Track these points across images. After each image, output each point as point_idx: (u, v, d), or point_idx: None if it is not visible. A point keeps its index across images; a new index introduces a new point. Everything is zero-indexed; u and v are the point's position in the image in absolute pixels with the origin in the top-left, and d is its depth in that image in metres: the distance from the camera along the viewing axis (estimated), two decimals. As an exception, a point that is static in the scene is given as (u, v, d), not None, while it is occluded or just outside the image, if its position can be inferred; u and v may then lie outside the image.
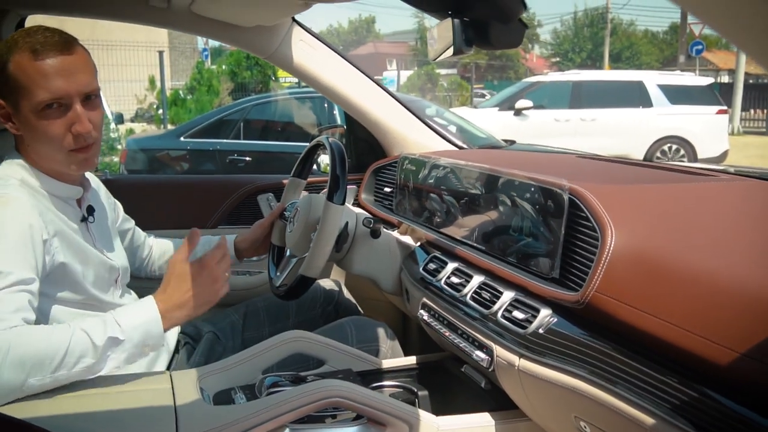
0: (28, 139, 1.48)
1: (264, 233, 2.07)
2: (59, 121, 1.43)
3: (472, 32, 1.44)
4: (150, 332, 1.35)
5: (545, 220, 1.46)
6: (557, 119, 11.48)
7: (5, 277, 1.29)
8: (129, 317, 1.35)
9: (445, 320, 1.69)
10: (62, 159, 1.48)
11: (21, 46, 1.41)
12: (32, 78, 1.40)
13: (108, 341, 1.29)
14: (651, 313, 1.13)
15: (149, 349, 1.36)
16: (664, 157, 11.45)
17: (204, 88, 11.55)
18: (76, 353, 1.25)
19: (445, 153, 2.22)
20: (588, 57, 38.29)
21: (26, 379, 1.22)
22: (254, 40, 2.18)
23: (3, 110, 1.46)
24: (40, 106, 1.40)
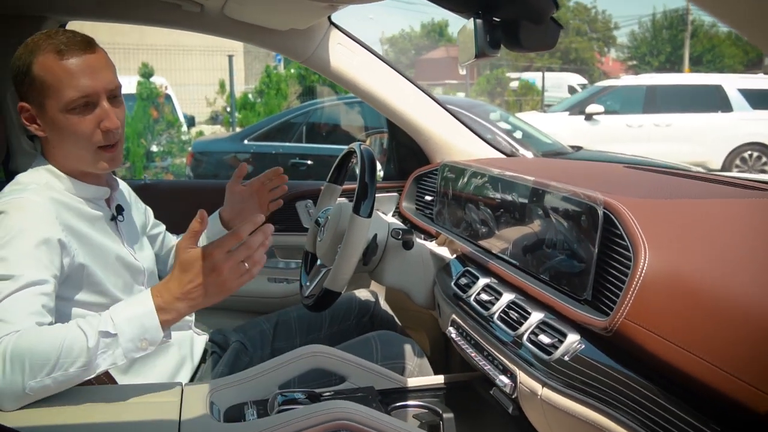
0: (54, 140, 1.47)
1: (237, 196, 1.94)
2: (88, 118, 1.44)
3: (501, 33, 1.34)
4: (145, 326, 1.27)
5: (579, 236, 1.35)
6: (629, 124, 11.12)
7: (16, 280, 1.27)
8: (123, 310, 1.29)
9: (472, 339, 1.59)
10: (90, 157, 1.48)
11: (44, 47, 1.42)
12: (59, 77, 1.41)
13: (99, 335, 1.23)
14: (686, 348, 1.01)
15: (147, 344, 1.27)
16: (744, 164, 10.95)
17: (272, 92, 11.63)
18: (71, 352, 1.21)
19: (487, 161, 2.12)
20: (666, 60, 37.14)
21: (26, 382, 1.19)
22: (290, 43, 2.13)
23: (27, 113, 1.47)
24: (69, 105, 1.41)
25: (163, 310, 1.29)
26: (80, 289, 1.47)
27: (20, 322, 1.23)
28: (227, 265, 1.27)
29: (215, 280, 1.28)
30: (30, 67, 1.42)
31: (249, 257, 1.29)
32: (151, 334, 1.28)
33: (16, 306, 1.25)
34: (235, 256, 1.27)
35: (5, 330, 1.21)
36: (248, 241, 1.28)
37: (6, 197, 1.41)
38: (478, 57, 1.29)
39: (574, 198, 1.37)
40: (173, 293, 1.30)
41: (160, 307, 1.29)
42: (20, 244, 1.33)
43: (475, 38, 1.28)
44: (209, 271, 1.27)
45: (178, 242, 1.33)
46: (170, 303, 1.30)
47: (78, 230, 1.48)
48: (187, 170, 7.55)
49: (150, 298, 1.30)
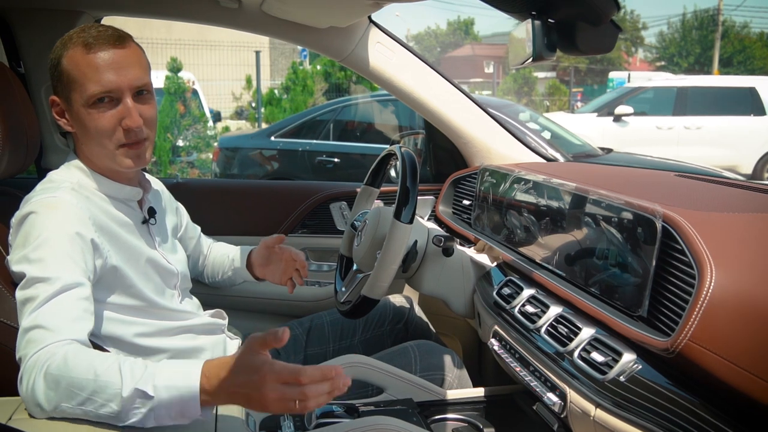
0: (80, 135, 1.45)
1: (267, 253, 1.87)
2: (109, 114, 1.40)
3: (557, 36, 1.28)
4: (183, 400, 1.17)
5: (634, 249, 1.29)
6: (659, 126, 10.94)
7: (53, 282, 1.24)
8: (167, 375, 1.18)
9: (516, 353, 1.53)
10: (112, 154, 1.44)
11: (75, 41, 1.40)
12: (83, 71, 1.38)
13: (134, 393, 1.15)
14: (753, 372, 0.96)
15: (181, 417, 1.17)
16: (776, 170, 10.75)
17: (299, 88, 11.60)
18: (104, 394, 1.15)
19: (528, 165, 2.06)
20: (696, 61, 36.69)
21: (59, 403, 1.15)
22: (328, 41, 2.08)
23: (57, 107, 1.44)
24: (91, 99, 1.38)
25: (206, 393, 1.18)
26: (112, 292, 1.44)
27: (65, 330, 1.20)
28: (273, 396, 1.14)
29: (259, 399, 1.15)
30: (60, 61, 1.40)
31: (302, 400, 1.15)
32: (189, 412, 1.18)
33: (57, 311, 1.22)
34: (285, 393, 1.14)
35: (50, 338, 1.18)
36: (306, 389, 1.14)
37: (39, 196, 1.38)
38: (535, 60, 1.23)
39: (630, 209, 1.31)
40: (221, 384, 1.18)
41: (204, 389, 1.17)
42: (55, 244, 1.29)
43: (532, 40, 1.22)
44: (255, 388, 1.14)
45: (251, 336, 1.18)
46: (215, 390, 1.18)
47: (110, 231, 1.44)
48: (213, 166, 7.54)
49: (197, 376, 1.18)
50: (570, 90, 19.18)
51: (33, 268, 1.26)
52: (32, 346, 1.18)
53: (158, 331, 1.52)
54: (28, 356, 1.17)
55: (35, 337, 1.19)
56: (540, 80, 22.80)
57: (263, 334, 1.16)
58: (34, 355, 1.17)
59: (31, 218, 1.33)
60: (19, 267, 1.29)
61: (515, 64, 1.50)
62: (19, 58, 2.16)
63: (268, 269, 1.87)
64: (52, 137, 2.21)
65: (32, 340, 1.19)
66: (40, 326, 1.20)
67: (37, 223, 1.32)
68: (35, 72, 2.14)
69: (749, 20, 57.67)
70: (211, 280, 1.97)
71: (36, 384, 1.15)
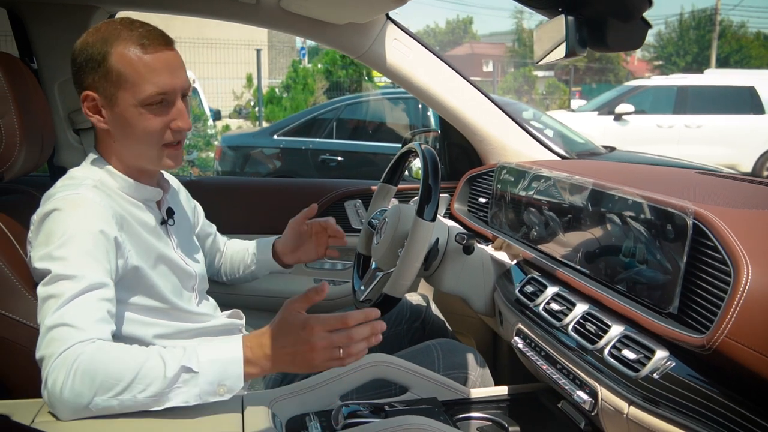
0: (117, 133, 1.42)
1: (297, 233, 1.89)
2: (161, 116, 1.40)
3: (586, 32, 1.27)
4: (227, 372, 1.21)
5: (663, 247, 1.28)
6: (660, 125, 10.95)
7: (78, 281, 1.23)
8: (210, 351, 1.23)
9: (542, 351, 1.53)
10: (155, 154, 1.44)
11: (124, 38, 1.37)
12: (139, 71, 1.36)
13: (180, 370, 1.18)
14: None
15: (225, 390, 1.21)
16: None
17: (299, 87, 11.62)
18: (146, 378, 1.16)
19: (545, 163, 2.05)
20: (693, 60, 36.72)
21: (93, 398, 1.14)
22: (346, 38, 2.07)
23: (92, 102, 1.41)
24: (146, 100, 1.37)
25: (250, 362, 1.23)
26: (133, 292, 1.43)
27: (91, 329, 1.19)
28: (321, 345, 1.20)
29: (306, 354, 1.21)
30: (107, 57, 1.36)
31: (347, 346, 1.22)
32: (232, 382, 1.22)
33: (83, 310, 1.21)
34: (333, 340, 1.21)
35: (76, 337, 1.17)
36: (353, 332, 1.22)
37: (61, 193, 1.36)
38: (568, 56, 1.22)
39: (659, 206, 1.30)
40: (264, 350, 1.23)
41: (248, 359, 1.23)
42: (79, 242, 1.28)
43: (566, 36, 1.21)
44: (303, 342, 1.21)
45: (288, 301, 1.25)
46: (258, 359, 1.23)
47: (132, 230, 1.43)
48: (215, 164, 7.52)
49: (240, 347, 1.23)
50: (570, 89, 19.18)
51: (57, 265, 1.25)
52: (58, 345, 1.17)
53: (177, 333, 1.51)
54: (55, 355, 1.16)
55: (61, 335, 1.18)
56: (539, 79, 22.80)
57: (300, 294, 1.23)
58: (63, 354, 1.15)
59: (54, 215, 1.32)
60: (42, 264, 1.27)
61: (538, 60, 1.49)
62: (32, 53, 2.14)
63: (301, 251, 1.91)
64: (64, 134, 2.19)
65: (58, 338, 1.18)
66: (66, 324, 1.18)
67: (60, 220, 1.31)
68: (48, 67, 2.12)
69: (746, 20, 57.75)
70: (230, 277, 1.96)
71: (66, 382, 1.13)
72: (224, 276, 1.97)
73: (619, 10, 1.23)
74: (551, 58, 1.38)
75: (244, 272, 1.94)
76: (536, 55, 1.46)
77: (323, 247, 1.91)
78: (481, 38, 48.73)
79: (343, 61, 12.75)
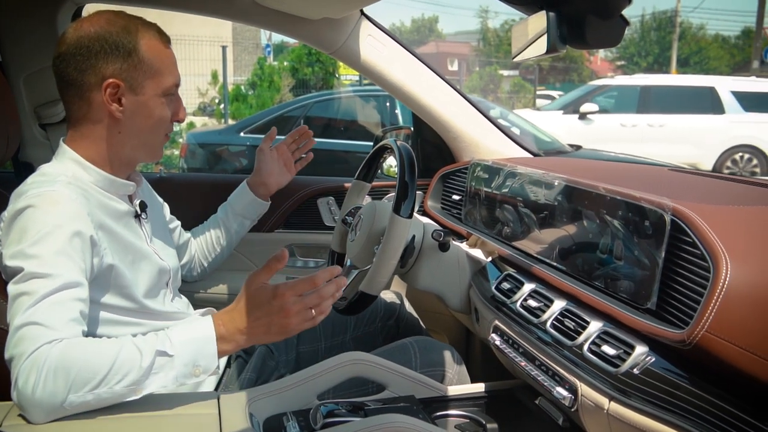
0: (129, 122, 1.43)
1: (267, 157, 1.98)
2: (171, 107, 1.48)
3: (566, 29, 1.27)
4: (201, 351, 1.22)
5: (640, 243, 1.29)
6: (623, 124, 11.11)
7: (52, 279, 1.20)
8: (182, 332, 1.23)
9: (520, 348, 1.53)
10: (158, 143, 1.51)
11: (146, 29, 1.43)
12: (164, 62, 1.44)
13: (156, 355, 1.17)
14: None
15: (200, 371, 1.22)
16: (735, 166, 10.99)
17: (265, 84, 11.54)
18: (122, 368, 1.14)
19: (519, 160, 2.05)
20: (654, 61, 37.35)
21: (67, 395, 1.11)
22: (320, 33, 2.04)
23: (116, 89, 1.40)
24: (168, 90, 1.45)
25: (224, 339, 1.25)
26: (107, 291, 1.40)
27: (62, 329, 1.16)
28: (296, 308, 1.24)
29: (280, 320, 1.24)
30: (137, 47, 1.40)
31: (317, 305, 1.26)
32: (207, 362, 1.23)
33: (55, 310, 1.18)
34: (306, 301, 1.25)
35: (48, 336, 1.13)
36: (322, 290, 1.26)
37: (35, 189, 1.32)
38: (549, 52, 1.22)
39: (637, 203, 1.31)
40: (237, 325, 1.25)
41: (221, 335, 1.24)
42: (54, 240, 1.25)
43: (547, 32, 1.21)
44: (277, 310, 1.24)
45: (251, 274, 1.27)
46: (232, 334, 1.25)
47: (107, 227, 1.40)
48: (180, 162, 7.43)
49: (211, 325, 1.25)
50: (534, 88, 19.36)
51: (30, 263, 1.21)
52: (28, 344, 1.13)
53: (151, 332, 1.48)
54: (26, 354, 1.12)
55: (31, 334, 1.14)
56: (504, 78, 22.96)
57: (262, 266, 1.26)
58: (33, 354, 1.12)
59: (27, 213, 1.28)
60: (14, 262, 1.23)
61: (515, 56, 1.49)
62: None
63: (273, 176, 1.99)
64: (30, 130, 2.13)
65: (28, 337, 1.14)
66: (36, 323, 1.15)
67: (34, 217, 1.27)
68: (14, 60, 2.07)
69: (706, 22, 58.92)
70: (209, 260, 1.95)
71: (37, 382, 1.10)
72: (198, 268, 1.94)
73: (600, 8, 1.23)
74: (529, 54, 1.37)
75: (226, 242, 1.96)
76: (514, 51, 1.45)
77: (292, 164, 2.03)
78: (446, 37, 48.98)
79: (309, 58, 12.70)
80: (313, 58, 12.66)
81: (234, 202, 1.98)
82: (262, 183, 1.97)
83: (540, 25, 1.25)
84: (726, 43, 42.62)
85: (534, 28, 1.30)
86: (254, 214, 2.00)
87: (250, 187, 1.97)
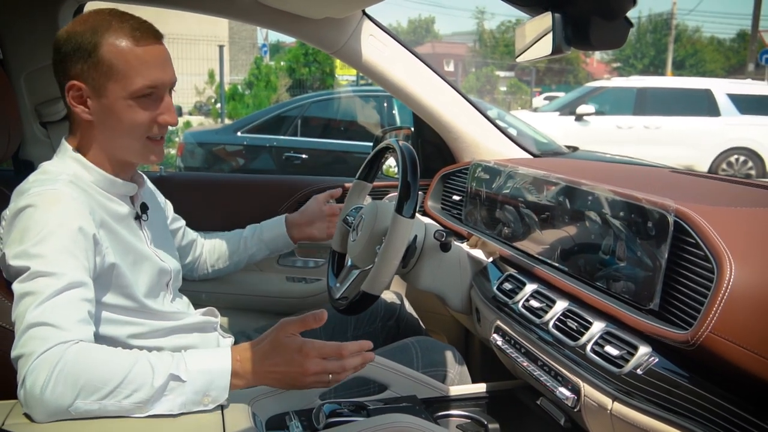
0: (102, 125, 1.39)
1: (318, 209, 2.00)
2: (149, 109, 1.39)
3: (570, 30, 1.27)
4: (214, 383, 1.21)
5: (643, 244, 1.29)
6: (620, 126, 11.12)
7: (58, 278, 1.20)
8: (199, 360, 1.22)
9: (522, 348, 1.53)
10: (139, 148, 1.42)
11: (116, 28, 1.35)
12: (131, 63, 1.34)
13: (168, 378, 1.16)
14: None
15: (209, 400, 1.21)
16: (731, 168, 11.01)
17: (262, 84, 11.52)
18: (133, 384, 1.14)
19: (520, 161, 2.06)
20: (650, 63, 37.45)
21: (74, 401, 1.11)
22: (321, 33, 2.04)
23: (78, 92, 1.37)
24: (136, 93, 1.36)
25: (238, 375, 1.23)
26: (108, 290, 1.39)
27: (73, 330, 1.16)
28: (315, 370, 1.24)
29: (296, 375, 1.25)
30: (97, 48, 1.34)
31: (336, 374, 1.27)
32: (217, 393, 1.21)
33: (64, 309, 1.18)
34: (326, 367, 1.25)
35: (58, 337, 1.13)
36: (345, 362, 1.27)
37: (37, 188, 1.32)
38: (554, 53, 1.22)
39: (639, 204, 1.31)
40: (254, 366, 1.25)
41: (236, 371, 1.23)
42: (57, 239, 1.24)
43: (552, 34, 1.21)
44: (297, 365, 1.24)
45: (283, 321, 1.28)
46: (246, 372, 1.24)
47: (109, 226, 1.40)
48: (177, 161, 7.41)
49: (228, 358, 1.23)
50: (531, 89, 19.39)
51: (35, 262, 1.21)
52: (38, 344, 1.13)
53: (151, 332, 1.48)
54: (36, 354, 1.12)
55: (41, 334, 1.14)
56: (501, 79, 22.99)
57: (297, 317, 1.26)
58: (44, 354, 1.12)
59: (29, 211, 1.27)
60: (18, 262, 1.23)
61: (518, 57, 1.49)
62: None
63: (315, 226, 1.99)
64: (31, 127, 2.13)
65: (38, 337, 1.14)
66: (46, 323, 1.15)
67: (37, 216, 1.26)
68: (15, 58, 2.06)
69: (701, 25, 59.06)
70: (213, 266, 1.95)
71: (47, 383, 1.10)
72: (206, 273, 1.94)
73: (605, 9, 1.24)
74: (533, 55, 1.38)
75: (237, 260, 1.97)
76: (517, 51, 1.45)
77: (333, 226, 2.01)
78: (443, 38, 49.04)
79: (306, 58, 12.69)
80: (310, 58, 12.65)
81: (265, 228, 1.98)
82: (299, 225, 1.99)
83: (545, 25, 1.25)
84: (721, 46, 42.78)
85: (539, 28, 1.30)
86: (277, 248, 2.01)
87: (286, 223, 1.98)
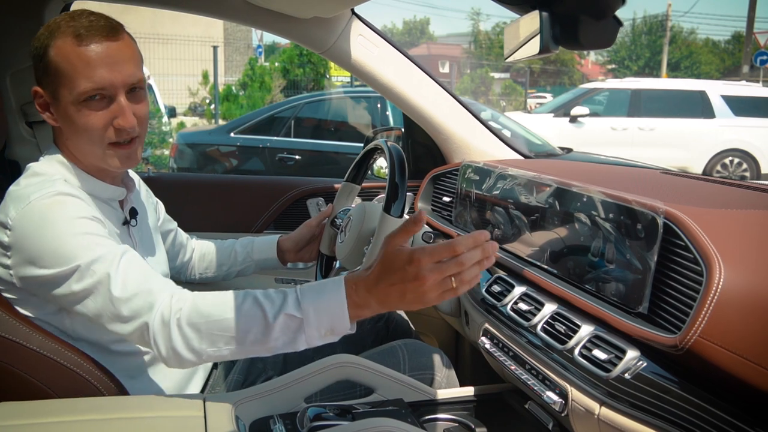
0: (66, 131, 1.35)
1: (310, 234, 1.92)
2: (101, 113, 1.31)
3: (559, 29, 1.25)
4: (333, 318, 1.18)
5: (632, 246, 1.28)
6: (614, 128, 11.14)
7: (110, 254, 1.25)
8: (311, 297, 1.19)
9: (510, 351, 1.51)
10: (101, 154, 1.35)
11: (64, 30, 1.29)
12: (74, 65, 1.28)
13: (281, 319, 1.18)
14: (764, 365, 0.95)
15: (331, 334, 1.20)
16: (725, 170, 11.04)
17: (256, 85, 11.51)
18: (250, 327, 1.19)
19: (510, 162, 2.04)
20: (645, 65, 37.52)
21: (204, 349, 1.20)
22: (310, 33, 2.03)
23: (41, 99, 1.34)
24: (81, 96, 1.29)
25: (356, 304, 1.18)
26: None
27: (164, 286, 1.24)
28: (432, 277, 1.14)
29: (416, 288, 1.14)
30: (47, 51, 1.29)
31: (459, 274, 1.15)
32: (339, 327, 1.19)
33: (138, 274, 1.25)
34: (444, 269, 1.14)
35: (159, 298, 1.22)
36: (462, 257, 1.14)
37: (38, 192, 1.28)
38: (542, 53, 1.20)
39: (629, 206, 1.29)
40: (370, 289, 1.18)
41: (354, 301, 1.18)
42: (84, 229, 1.26)
43: (540, 33, 1.19)
44: (412, 278, 1.14)
45: (387, 236, 1.20)
46: (364, 299, 1.18)
47: (106, 225, 1.38)
48: (170, 162, 7.40)
49: (342, 290, 1.19)
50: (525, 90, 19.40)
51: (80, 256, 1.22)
52: (147, 310, 1.20)
53: None
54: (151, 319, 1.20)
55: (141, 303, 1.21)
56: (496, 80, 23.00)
57: (398, 228, 1.20)
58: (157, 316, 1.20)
59: (41, 218, 1.25)
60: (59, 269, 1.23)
61: (508, 57, 1.47)
62: None
63: (305, 250, 1.93)
64: (17, 127, 2.10)
65: (139, 306, 1.21)
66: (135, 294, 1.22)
67: (52, 219, 1.25)
68: (0, 58, 2.04)
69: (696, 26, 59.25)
70: (201, 274, 1.92)
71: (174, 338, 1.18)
72: (194, 273, 1.92)
73: (593, 8, 1.22)
74: (522, 54, 1.36)
75: (227, 270, 1.93)
76: (506, 51, 1.44)
77: None
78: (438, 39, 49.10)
79: (301, 59, 12.68)
80: (304, 59, 12.64)
81: (256, 248, 1.93)
82: (290, 251, 1.92)
83: (533, 25, 1.24)
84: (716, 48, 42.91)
85: (527, 28, 1.28)
86: (266, 267, 1.96)
87: (279, 246, 1.92)
